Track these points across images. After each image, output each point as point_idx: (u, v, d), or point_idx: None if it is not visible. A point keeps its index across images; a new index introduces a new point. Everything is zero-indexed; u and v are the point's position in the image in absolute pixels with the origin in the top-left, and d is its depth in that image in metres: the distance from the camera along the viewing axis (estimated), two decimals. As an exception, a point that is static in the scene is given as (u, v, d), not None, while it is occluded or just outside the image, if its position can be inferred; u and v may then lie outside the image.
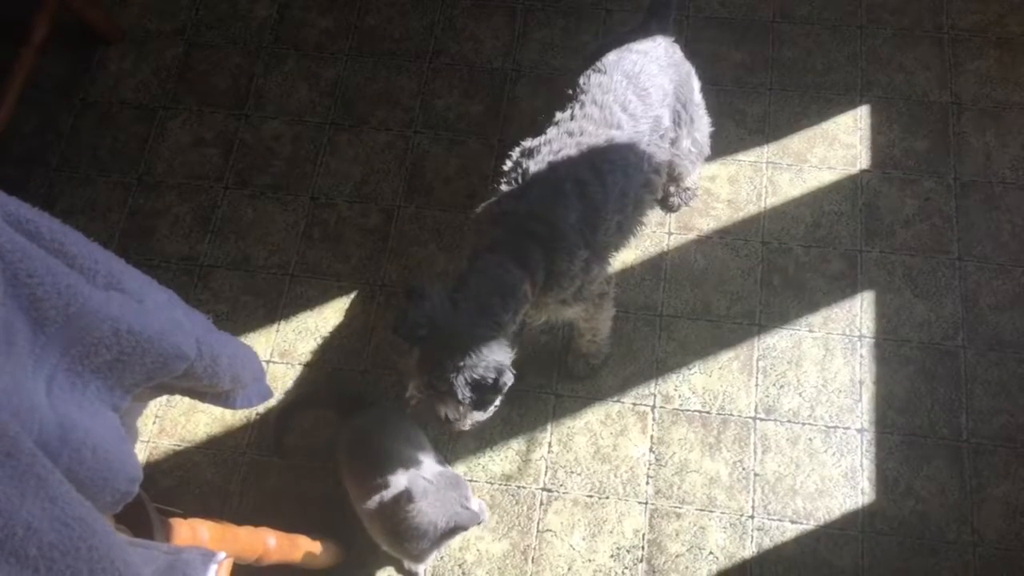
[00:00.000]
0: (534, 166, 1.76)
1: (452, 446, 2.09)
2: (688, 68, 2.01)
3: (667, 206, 2.33)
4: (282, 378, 2.19)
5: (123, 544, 0.95)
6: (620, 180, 1.78)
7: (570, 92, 1.88)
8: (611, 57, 1.87)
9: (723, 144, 2.40)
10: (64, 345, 0.93)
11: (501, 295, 1.64)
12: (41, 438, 0.89)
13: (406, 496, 1.63)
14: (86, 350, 0.95)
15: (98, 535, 0.89)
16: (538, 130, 1.84)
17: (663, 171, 1.97)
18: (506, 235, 1.70)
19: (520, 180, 1.76)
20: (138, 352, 0.99)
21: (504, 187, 1.79)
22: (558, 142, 1.78)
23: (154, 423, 2.15)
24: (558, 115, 1.85)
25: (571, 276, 1.74)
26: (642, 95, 1.84)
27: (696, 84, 2.04)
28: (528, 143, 1.83)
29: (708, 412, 2.12)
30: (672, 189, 2.29)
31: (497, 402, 1.69)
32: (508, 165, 1.82)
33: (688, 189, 2.30)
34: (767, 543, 2.00)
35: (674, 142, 1.98)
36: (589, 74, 1.86)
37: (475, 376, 1.58)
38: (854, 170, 2.38)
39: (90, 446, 0.94)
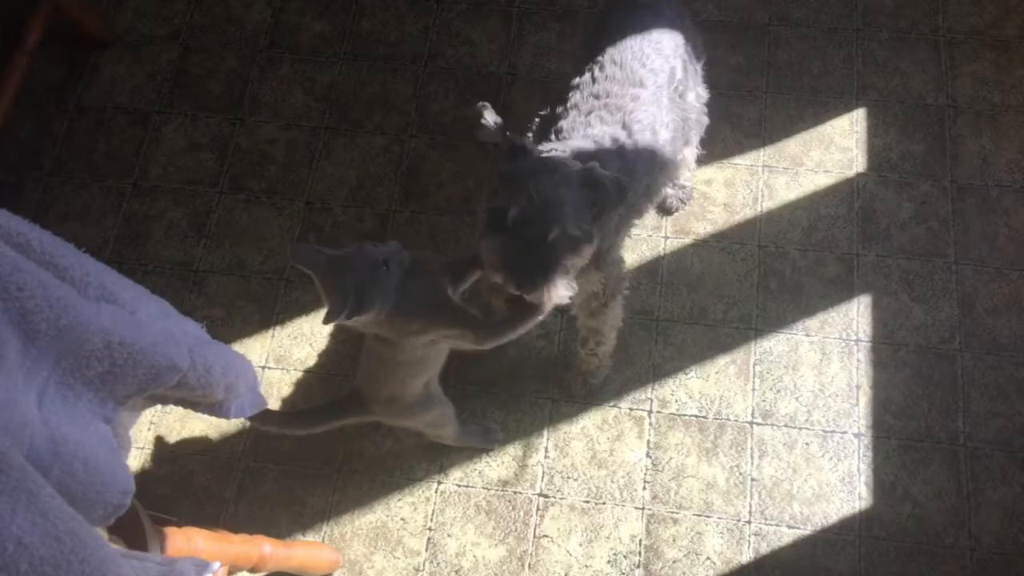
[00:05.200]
0: (567, 125, 1.75)
1: (447, 451, 2.09)
2: (689, 21, 2.00)
3: (664, 208, 2.32)
4: (277, 384, 2.18)
5: (116, 557, 0.94)
6: (650, 139, 1.78)
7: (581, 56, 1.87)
8: (619, 16, 1.87)
9: (719, 147, 2.40)
10: (55, 358, 0.92)
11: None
12: (32, 452, 0.89)
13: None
14: (78, 363, 0.94)
15: (90, 549, 0.89)
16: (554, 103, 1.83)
17: (679, 129, 1.96)
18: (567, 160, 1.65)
19: (555, 136, 1.75)
20: (130, 364, 0.99)
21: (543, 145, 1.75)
22: (586, 104, 1.77)
23: (149, 430, 2.14)
24: (576, 80, 1.83)
25: (608, 228, 1.70)
26: (656, 47, 1.84)
27: (698, 38, 2.04)
28: (547, 112, 1.82)
29: (705, 417, 2.12)
30: (668, 190, 2.28)
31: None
32: (532, 136, 1.80)
33: (684, 187, 2.29)
34: (764, 548, 1.99)
35: (682, 95, 1.96)
36: (602, 34, 1.85)
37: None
38: (850, 173, 2.38)
39: (82, 459, 0.93)
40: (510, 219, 1.45)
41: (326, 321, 1.43)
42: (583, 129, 1.74)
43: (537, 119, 1.84)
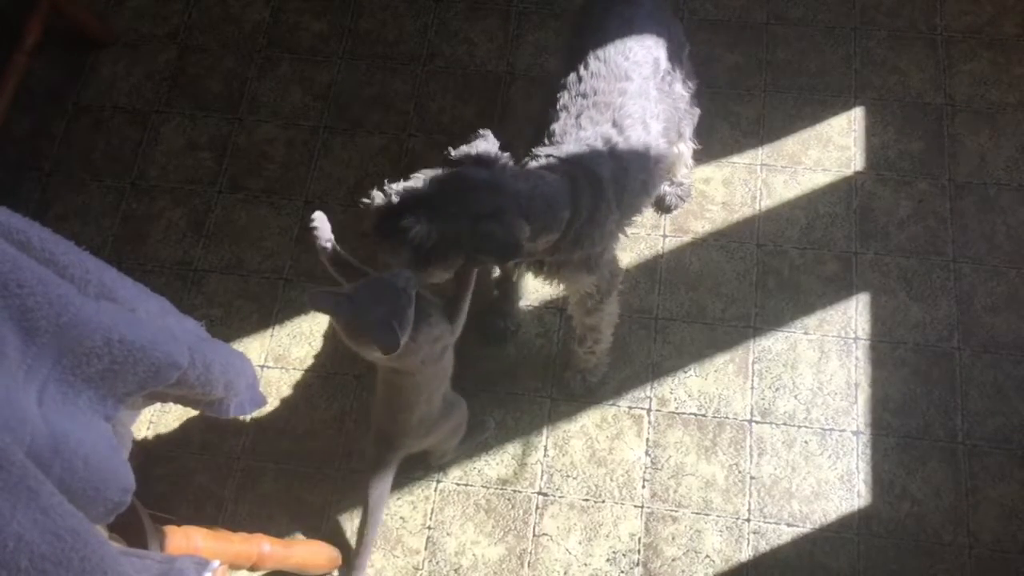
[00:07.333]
0: (559, 128, 1.76)
1: (447, 450, 2.09)
2: (670, 11, 2.01)
3: (662, 207, 2.33)
4: (276, 383, 2.18)
5: (116, 555, 0.95)
6: (641, 134, 1.78)
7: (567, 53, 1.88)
8: (599, 10, 1.87)
9: (717, 146, 2.40)
10: (56, 355, 0.92)
11: (547, 202, 1.59)
12: (33, 449, 0.89)
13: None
14: (78, 360, 0.94)
15: (90, 546, 0.89)
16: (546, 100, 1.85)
17: (671, 119, 1.97)
18: (560, 169, 1.67)
19: (548, 140, 1.76)
20: (130, 361, 0.99)
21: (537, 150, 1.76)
22: (575, 106, 1.78)
23: (148, 428, 2.14)
24: (563, 79, 1.84)
25: (602, 233, 1.72)
26: (638, 39, 1.84)
27: (680, 28, 2.04)
28: (537, 115, 1.83)
29: (704, 415, 2.12)
30: (666, 188, 2.28)
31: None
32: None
33: (682, 185, 2.29)
34: (763, 546, 1.99)
35: (670, 85, 1.97)
36: (583, 30, 1.86)
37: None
38: (848, 172, 2.38)
39: (82, 457, 0.93)
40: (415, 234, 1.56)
41: (385, 354, 1.45)
42: (575, 132, 1.75)
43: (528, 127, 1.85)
